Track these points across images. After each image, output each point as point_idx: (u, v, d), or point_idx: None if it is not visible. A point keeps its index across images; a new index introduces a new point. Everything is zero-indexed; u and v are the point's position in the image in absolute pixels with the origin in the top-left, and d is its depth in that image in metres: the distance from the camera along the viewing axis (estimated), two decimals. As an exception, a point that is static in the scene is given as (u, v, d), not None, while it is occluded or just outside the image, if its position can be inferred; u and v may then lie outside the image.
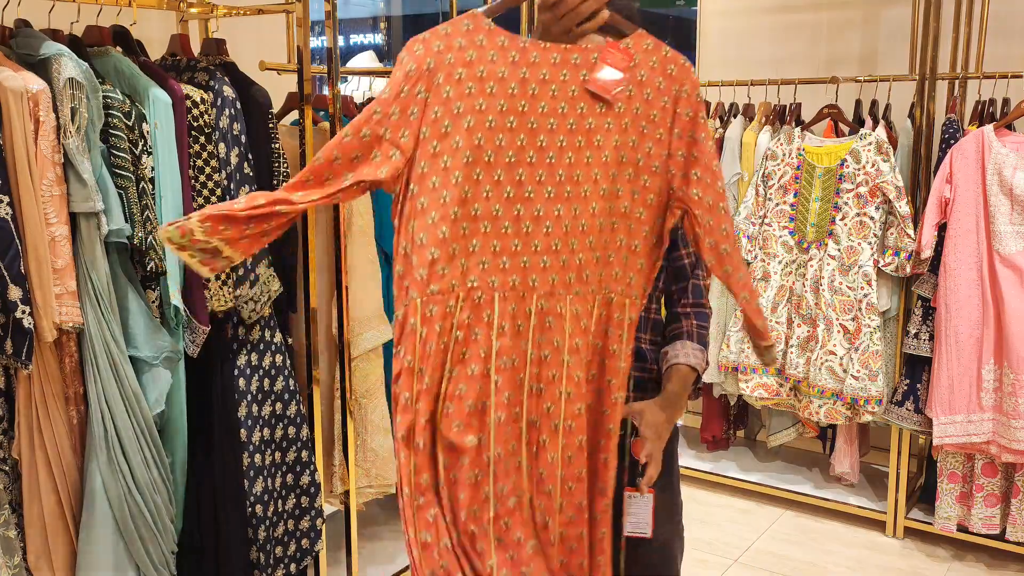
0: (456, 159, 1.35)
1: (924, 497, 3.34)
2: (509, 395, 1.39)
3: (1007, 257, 2.82)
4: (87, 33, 2.05)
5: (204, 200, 2.12)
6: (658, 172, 1.44)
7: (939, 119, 3.12)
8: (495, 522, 1.41)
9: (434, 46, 1.36)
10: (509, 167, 1.37)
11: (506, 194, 1.37)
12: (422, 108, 1.35)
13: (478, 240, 1.37)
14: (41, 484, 1.90)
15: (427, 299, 1.36)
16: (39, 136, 1.78)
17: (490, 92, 1.34)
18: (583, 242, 1.41)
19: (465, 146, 1.35)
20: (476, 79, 1.34)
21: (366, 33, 11.73)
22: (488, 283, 1.38)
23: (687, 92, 1.43)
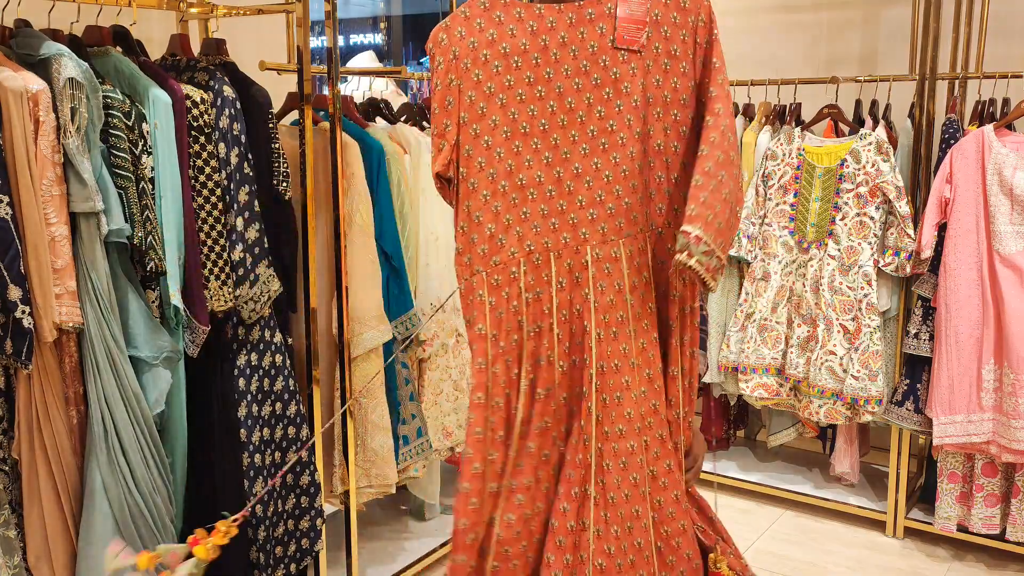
0: (496, 136, 1.48)
1: (924, 497, 3.34)
2: (568, 345, 1.49)
3: (1007, 257, 2.82)
4: (87, 33, 2.05)
5: (204, 200, 2.12)
6: (687, 104, 1.50)
7: (939, 119, 3.12)
8: (561, 466, 1.51)
9: (456, 33, 1.46)
10: (544, 134, 1.48)
11: (545, 159, 1.48)
12: (456, 96, 1.47)
13: (528, 208, 1.49)
14: (41, 484, 1.90)
15: (492, 270, 1.49)
16: (39, 136, 1.78)
17: (516, 66, 1.45)
18: (627, 186, 1.50)
19: (502, 122, 1.47)
20: (501, 56, 1.45)
21: (366, 33, 11.73)
22: (543, 245, 1.49)
23: (703, 21, 1.49)
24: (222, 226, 2.14)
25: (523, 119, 1.48)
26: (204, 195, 2.12)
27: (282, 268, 2.34)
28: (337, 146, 2.43)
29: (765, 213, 3.30)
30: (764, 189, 3.31)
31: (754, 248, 3.32)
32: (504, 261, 1.49)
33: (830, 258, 3.14)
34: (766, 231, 3.28)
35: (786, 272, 3.26)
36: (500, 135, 1.48)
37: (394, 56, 11.07)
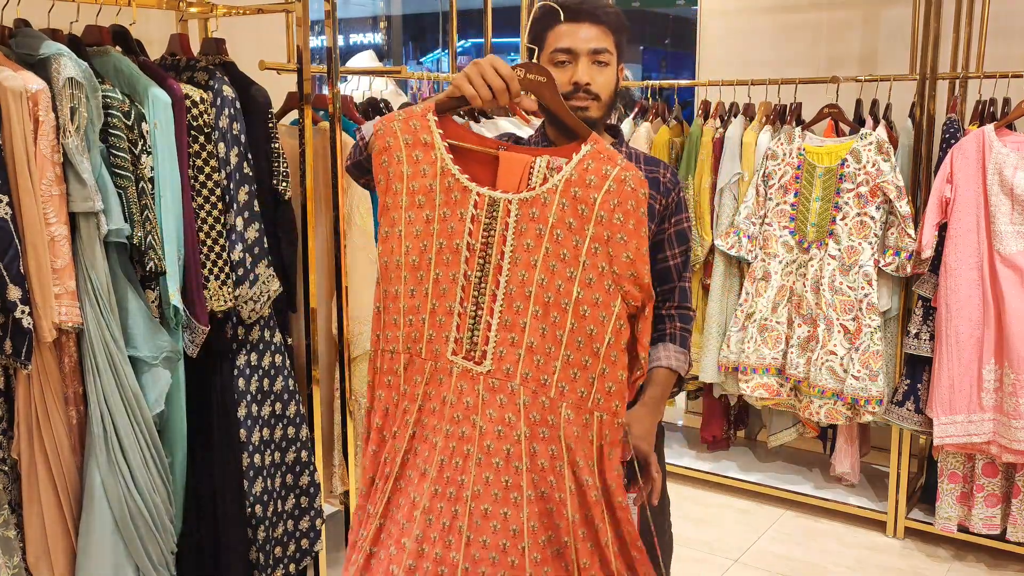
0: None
1: (924, 497, 3.33)
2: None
3: (1008, 257, 2.82)
4: (86, 33, 2.05)
5: (203, 200, 2.11)
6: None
7: (939, 119, 3.12)
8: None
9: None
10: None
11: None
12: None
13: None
14: (41, 484, 1.90)
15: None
16: (38, 136, 1.78)
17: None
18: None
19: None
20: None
21: (366, 33, 11.72)
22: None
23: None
24: (222, 226, 2.14)
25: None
26: (204, 195, 2.11)
27: (282, 268, 2.34)
28: (337, 146, 2.42)
29: (765, 213, 3.30)
30: (764, 189, 3.31)
31: (754, 248, 3.32)
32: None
33: (830, 258, 3.13)
34: (766, 231, 3.28)
35: (786, 272, 3.26)
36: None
37: (394, 56, 11.06)
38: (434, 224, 1.47)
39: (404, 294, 1.50)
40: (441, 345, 1.49)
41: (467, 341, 1.48)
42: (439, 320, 1.49)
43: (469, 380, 1.48)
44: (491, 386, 1.47)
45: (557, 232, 1.44)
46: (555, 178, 1.46)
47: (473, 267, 1.47)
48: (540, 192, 1.45)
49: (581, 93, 1.68)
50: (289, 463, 2.36)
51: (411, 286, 1.50)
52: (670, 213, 1.78)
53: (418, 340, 1.51)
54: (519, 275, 1.45)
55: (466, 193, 1.46)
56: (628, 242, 1.44)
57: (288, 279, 2.38)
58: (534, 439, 1.46)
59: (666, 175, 1.79)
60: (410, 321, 1.51)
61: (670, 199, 1.78)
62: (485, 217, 1.46)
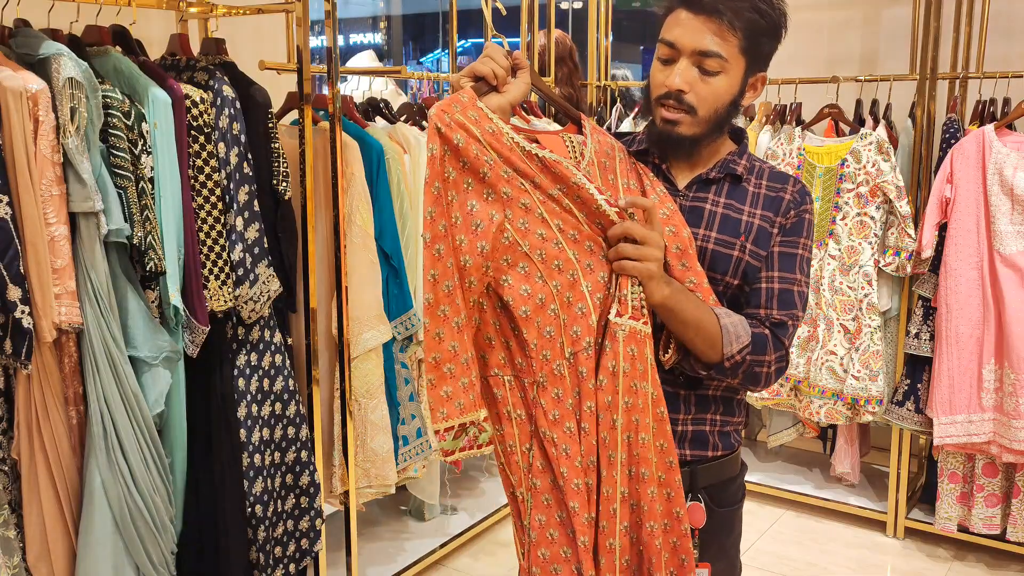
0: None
1: (925, 497, 3.33)
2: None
3: (1008, 257, 2.82)
4: (86, 33, 2.05)
5: (203, 200, 2.11)
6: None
7: (940, 119, 3.12)
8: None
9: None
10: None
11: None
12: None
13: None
14: (40, 484, 1.90)
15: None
16: (38, 136, 1.78)
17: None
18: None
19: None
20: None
21: (366, 33, 11.72)
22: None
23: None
24: (222, 226, 2.14)
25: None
26: (204, 195, 2.11)
27: (282, 268, 2.34)
28: (337, 146, 2.42)
29: (765, 213, 3.30)
30: (764, 189, 3.31)
31: (754, 248, 3.32)
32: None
33: (831, 258, 3.13)
34: (766, 231, 3.28)
35: (786, 272, 3.26)
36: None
37: (394, 56, 11.06)
38: (563, 202, 1.35)
39: (581, 271, 1.35)
40: (603, 316, 1.36)
41: (631, 298, 1.36)
42: (586, 289, 1.36)
43: (639, 344, 1.36)
44: (652, 346, 1.39)
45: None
46: (588, 151, 1.43)
47: (587, 225, 1.37)
48: (588, 165, 1.42)
49: (672, 102, 1.41)
50: (289, 463, 2.36)
51: (585, 261, 1.36)
52: (781, 231, 1.48)
53: (586, 312, 1.35)
54: (597, 226, 1.38)
55: (559, 165, 1.34)
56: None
57: (288, 279, 2.38)
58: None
59: (793, 193, 1.50)
60: (563, 320, 1.35)
61: (787, 217, 1.48)
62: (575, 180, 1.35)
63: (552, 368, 1.34)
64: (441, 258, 1.29)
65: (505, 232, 1.31)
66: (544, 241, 1.33)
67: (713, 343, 1.39)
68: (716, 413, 1.54)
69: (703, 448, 1.53)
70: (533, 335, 1.34)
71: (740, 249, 1.46)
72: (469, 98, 1.31)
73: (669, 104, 1.41)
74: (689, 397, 1.51)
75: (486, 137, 1.30)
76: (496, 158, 1.30)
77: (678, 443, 1.49)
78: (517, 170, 1.32)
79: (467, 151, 1.28)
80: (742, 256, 1.47)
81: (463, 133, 1.28)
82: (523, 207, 1.33)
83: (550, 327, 1.34)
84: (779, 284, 1.46)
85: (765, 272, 1.46)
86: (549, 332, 1.33)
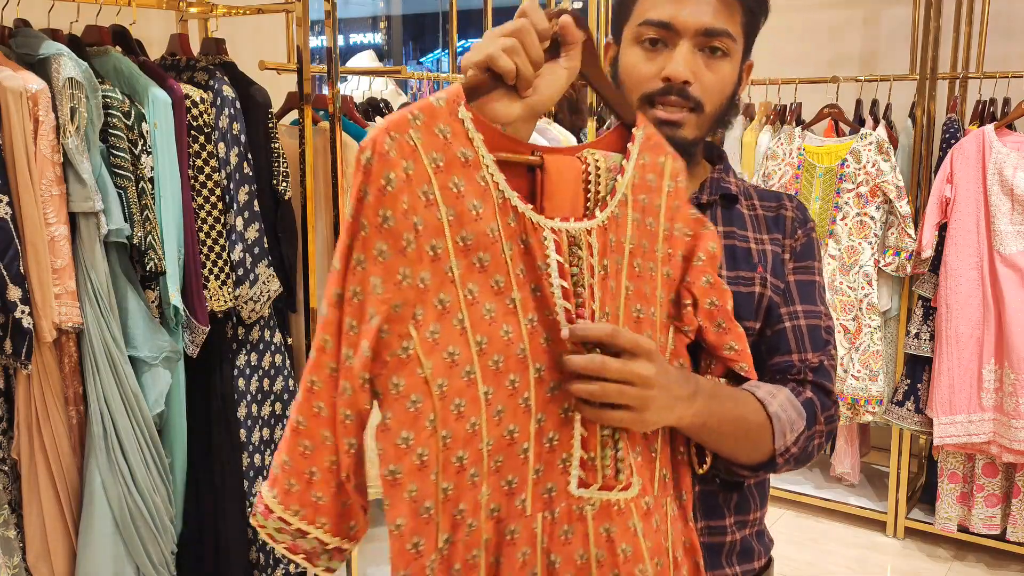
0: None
1: (925, 497, 3.33)
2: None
3: (1008, 257, 2.82)
4: (86, 33, 2.05)
5: (203, 200, 2.11)
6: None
7: (940, 119, 3.12)
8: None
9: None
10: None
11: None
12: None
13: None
14: (40, 484, 1.90)
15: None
16: (38, 136, 1.78)
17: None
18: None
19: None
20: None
21: (366, 33, 11.73)
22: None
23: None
24: (222, 226, 2.14)
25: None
26: (204, 195, 2.11)
27: (282, 268, 2.34)
28: (337, 146, 2.42)
29: (765, 213, 3.30)
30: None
31: (754, 248, 3.32)
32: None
33: (831, 258, 3.13)
34: (766, 231, 3.28)
35: (786, 272, 3.26)
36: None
37: (394, 56, 11.06)
38: (512, 294, 0.91)
39: (487, 421, 0.90)
40: (557, 479, 0.94)
41: (602, 461, 0.96)
42: (549, 441, 0.94)
43: (618, 518, 0.97)
44: (645, 509, 0.99)
45: (636, 263, 1.00)
46: (621, 184, 0.98)
47: (545, 336, 0.94)
48: (614, 209, 0.97)
49: (674, 97, 1.09)
50: (289, 463, 2.36)
51: (498, 405, 0.91)
52: (793, 256, 1.20)
53: (517, 488, 0.93)
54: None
55: (536, 235, 0.92)
56: (687, 262, 1.05)
57: (288, 279, 2.38)
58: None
59: (794, 210, 1.23)
60: (497, 464, 0.92)
61: (796, 238, 1.21)
62: (570, 265, 0.94)
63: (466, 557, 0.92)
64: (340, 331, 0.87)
65: (405, 342, 0.85)
66: (453, 367, 0.88)
67: (760, 442, 1.07)
68: (757, 510, 1.21)
69: (749, 560, 1.20)
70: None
71: (761, 283, 1.17)
72: (448, 103, 0.88)
73: (669, 101, 1.09)
74: (730, 498, 1.17)
75: (439, 178, 0.87)
76: (429, 220, 0.86)
77: (725, 560, 1.16)
78: (468, 240, 0.88)
79: (395, 201, 0.84)
80: (764, 292, 1.17)
81: (401, 170, 0.85)
82: (439, 306, 0.87)
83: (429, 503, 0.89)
84: (805, 320, 1.17)
85: (786, 308, 1.17)
86: (428, 509, 0.89)
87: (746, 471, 1.10)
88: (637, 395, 0.93)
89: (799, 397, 1.11)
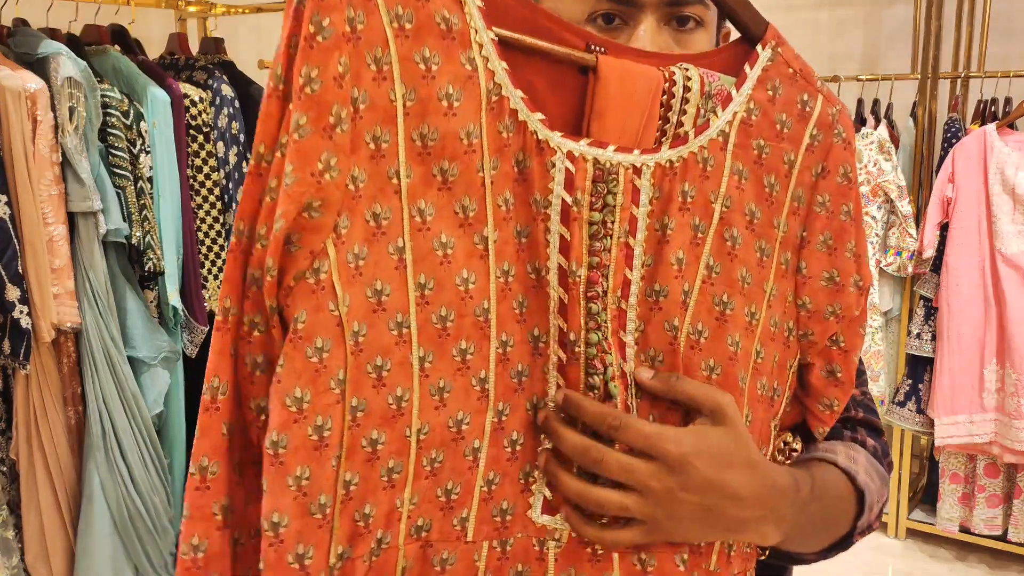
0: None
1: (926, 498, 3.33)
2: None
3: (1010, 257, 2.81)
4: (85, 32, 2.05)
5: (202, 199, 2.11)
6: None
7: (941, 118, 3.11)
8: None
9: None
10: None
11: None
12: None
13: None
14: (39, 485, 1.90)
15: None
16: (37, 135, 1.78)
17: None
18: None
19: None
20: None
21: (366, 32, 11.74)
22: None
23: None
24: (220, 225, 2.14)
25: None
26: (203, 194, 2.11)
27: (281, 268, 2.33)
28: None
29: (766, 213, 3.29)
30: (765, 188, 3.31)
31: (755, 248, 3.32)
32: None
33: (831, 258, 3.13)
34: (767, 231, 3.27)
35: (787, 272, 3.25)
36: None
37: (394, 55, 11.07)
38: (483, 230, 0.64)
39: (421, 398, 0.64)
40: (516, 498, 0.68)
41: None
42: (511, 445, 0.67)
43: (591, 567, 0.69)
44: (637, 569, 0.70)
45: (731, 235, 0.71)
46: (721, 118, 0.70)
47: (577, 318, 0.67)
48: (696, 148, 0.69)
49: None
50: (289, 464, 2.36)
51: (439, 380, 0.64)
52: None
53: (458, 501, 0.66)
54: (664, 326, 0.69)
55: (540, 157, 0.65)
56: (837, 250, 0.75)
57: (288, 279, 2.37)
58: None
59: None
60: (432, 463, 0.65)
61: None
62: (590, 208, 0.66)
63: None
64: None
65: (317, 262, 0.59)
66: (377, 311, 0.62)
67: (840, 525, 0.88)
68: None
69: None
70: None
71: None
72: None
73: None
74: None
75: (402, 46, 0.60)
76: (376, 98, 0.60)
77: None
78: (429, 139, 0.62)
79: (325, 58, 0.59)
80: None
81: (343, 19, 0.59)
82: (372, 222, 0.61)
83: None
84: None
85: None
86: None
87: (812, 556, 0.91)
88: (658, 511, 0.65)
89: (866, 448, 0.88)
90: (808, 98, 0.74)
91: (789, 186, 0.73)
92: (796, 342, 0.76)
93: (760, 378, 0.73)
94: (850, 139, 0.75)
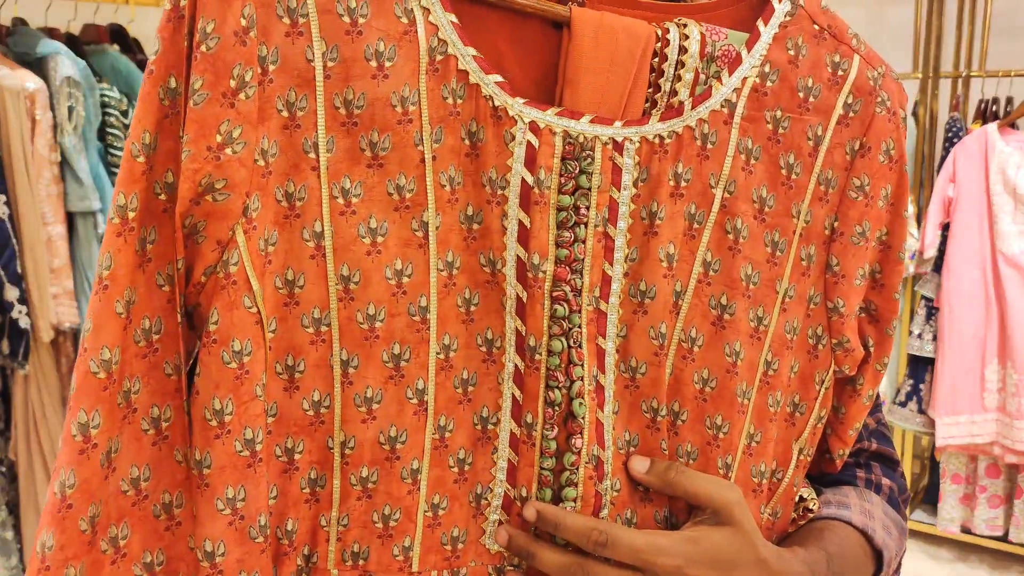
0: None
1: (927, 498, 3.32)
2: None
3: (1011, 257, 2.81)
4: (84, 31, 2.05)
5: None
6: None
7: (942, 118, 3.11)
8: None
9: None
10: None
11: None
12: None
13: None
14: (38, 486, 1.90)
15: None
16: (36, 135, 1.78)
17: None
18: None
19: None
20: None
21: (367, 32, 11.76)
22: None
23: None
24: (220, 226, 2.14)
25: None
26: (202, 194, 2.11)
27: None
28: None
29: (767, 212, 3.29)
30: (766, 188, 3.31)
31: (756, 248, 3.31)
32: None
33: (832, 258, 3.13)
34: (768, 231, 3.27)
35: (788, 272, 3.25)
36: None
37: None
38: (422, 214, 0.55)
39: (344, 407, 0.57)
40: (467, 523, 0.60)
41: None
42: (458, 464, 0.59)
43: None
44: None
45: (733, 225, 0.61)
46: (727, 85, 0.59)
47: (539, 320, 0.57)
48: (693, 121, 0.58)
49: None
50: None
51: (366, 389, 0.56)
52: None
53: (398, 527, 0.58)
54: (649, 332, 0.59)
55: (497, 126, 0.55)
56: (868, 242, 0.66)
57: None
58: None
59: None
60: (365, 484, 0.57)
61: None
62: (559, 190, 0.56)
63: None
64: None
65: (228, 253, 0.52)
66: (289, 304, 0.55)
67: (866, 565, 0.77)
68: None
69: None
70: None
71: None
72: None
73: None
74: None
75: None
76: (289, 57, 0.52)
77: None
78: (355, 106, 0.53)
79: (222, 10, 0.49)
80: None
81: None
82: (284, 203, 0.54)
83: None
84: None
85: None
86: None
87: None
88: None
89: (881, 493, 0.81)
90: (841, 59, 0.63)
91: (814, 167, 0.61)
92: (829, 352, 0.65)
93: (772, 392, 0.63)
94: (896, 108, 0.64)
